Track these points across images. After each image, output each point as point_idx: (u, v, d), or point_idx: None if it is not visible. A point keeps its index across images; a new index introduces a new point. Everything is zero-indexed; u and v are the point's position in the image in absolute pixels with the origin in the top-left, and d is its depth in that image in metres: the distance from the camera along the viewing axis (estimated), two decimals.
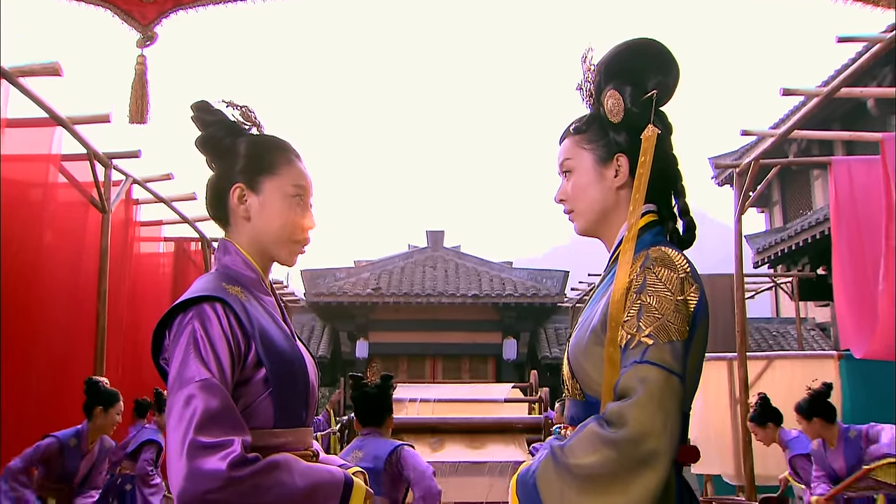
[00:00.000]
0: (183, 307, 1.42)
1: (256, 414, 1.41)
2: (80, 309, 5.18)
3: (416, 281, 17.06)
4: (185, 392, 1.30)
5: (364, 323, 16.99)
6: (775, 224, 16.71)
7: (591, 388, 1.43)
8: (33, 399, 4.52)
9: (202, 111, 1.61)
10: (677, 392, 1.29)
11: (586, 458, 1.28)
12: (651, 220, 1.53)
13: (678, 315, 1.34)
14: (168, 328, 1.44)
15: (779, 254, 12.15)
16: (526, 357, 17.70)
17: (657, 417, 1.25)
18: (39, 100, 4.34)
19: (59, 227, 5.03)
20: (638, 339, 1.32)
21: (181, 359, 1.35)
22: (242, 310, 1.43)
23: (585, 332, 1.46)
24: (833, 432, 4.21)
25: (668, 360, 1.29)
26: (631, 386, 1.28)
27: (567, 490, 1.29)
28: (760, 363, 6.89)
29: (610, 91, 1.53)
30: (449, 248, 19.07)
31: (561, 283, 16.83)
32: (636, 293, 1.37)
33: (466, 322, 16.99)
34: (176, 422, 1.28)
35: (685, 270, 1.39)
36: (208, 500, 1.22)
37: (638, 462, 1.24)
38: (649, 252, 1.41)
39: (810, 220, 11.24)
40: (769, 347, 16.37)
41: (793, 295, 11.40)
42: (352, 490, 1.43)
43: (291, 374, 1.48)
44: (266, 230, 1.57)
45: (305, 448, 1.52)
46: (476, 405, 6.64)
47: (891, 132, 5.35)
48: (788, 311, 17.26)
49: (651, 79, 1.53)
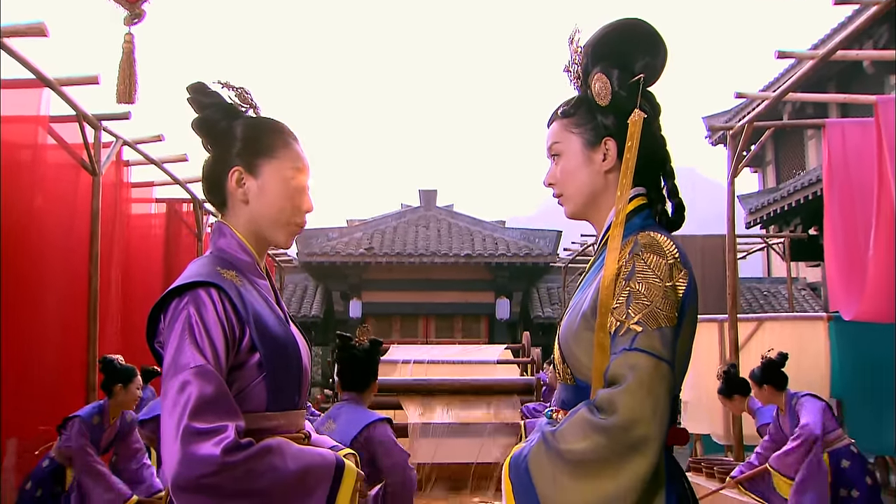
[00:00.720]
0: (178, 292, 1.42)
1: (250, 398, 1.43)
2: (72, 272, 5.17)
3: (408, 240, 17.06)
4: (181, 378, 1.30)
5: (357, 283, 17.03)
6: (768, 184, 16.71)
7: (582, 372, 1.44)
8: (27, 363, 4.54)
9: (198, 93, 1.59)
10: (667, 378, 1.30)
11: (577, 444, 1.30)
12: (640, 204, 1.53)
13: (667, 301, 1.35)
14: (163, 312, 1.44)
15: (771, 214, 12.17)
16: (518, 316, 17.81)
17: (647, 404, 1.27)
18: (26, 61, 4.27)
19: (50, 190, 5.00)
20: (627, 326, 1.33)
21: (176, 344, 1.35)
22: (237, 295, 1.44)
23: (576, 316, 1.46)
24: (782, 399, 4.34)
25: (657, 347, 1.31)
26: (621, 373, 1.30)
27: (559, 474, 1.31)
28: (751, 325, 6.95)
29: (597, 74, 1.52)
30: (441, 208, 19.04)
31: (553, 242, 16.86)
32: (625, 280, 1.38)
33: (459, 282, 17.05)
34: (171, 407, 1.29)
35: (674, 256, 1.40)
36: (202, 484, 1.23)
37: (628, 448, 1.26)
38: (638, 238, 1.42)
39: (803, 180, 11.24)
40: (760, 307, 16.50)
41: (784, 255, 11.45)
42: (343, 472, 1.44)
43: (285, 359, 1.49)
44: (264, 213, 1.57)
45: (298, 430, 1.54)
46: (468, 366, 6.70)
47: (886, 94, 5.33)
48: (780, 271, 17.36)
49: (638, 60, 1.52)
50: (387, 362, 7.00)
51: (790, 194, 11.42)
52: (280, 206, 1.57)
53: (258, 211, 1.57)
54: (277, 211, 1.57)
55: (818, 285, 16.27)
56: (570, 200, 1.60)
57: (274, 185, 1.57)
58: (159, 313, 1.46)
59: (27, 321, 4.54)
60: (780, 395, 4.37)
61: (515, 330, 18.25)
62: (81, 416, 4.00)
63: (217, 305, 1.39)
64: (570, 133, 1.57)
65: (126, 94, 4.77)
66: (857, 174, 5.34)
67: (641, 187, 1.54)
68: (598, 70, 1.52)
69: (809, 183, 10.82)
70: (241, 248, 1.57)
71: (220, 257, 1.54)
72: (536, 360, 7.08)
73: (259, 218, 1.57)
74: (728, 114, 15.96)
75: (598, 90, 1.52)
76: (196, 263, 1.51)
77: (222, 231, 1.59)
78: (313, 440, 1.61)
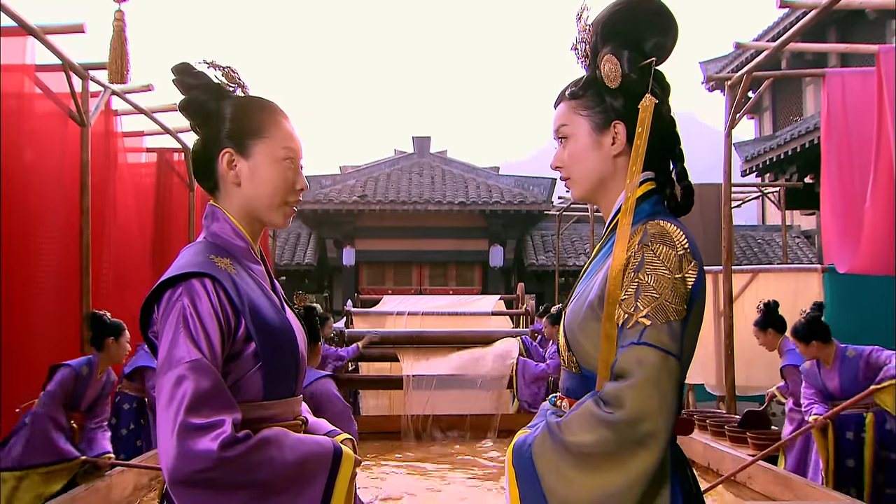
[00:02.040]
0: (171, 283, 1.39)
1: (246, 388, 1.41)
2: (62, 225, 5.12)
3: (402, 188, 16.98)
4: (176, 372, 1.29)
5: (350, 230, 17.00)
6: (765, 131, 16.61)
7: (588, 361, 1.42)
8: (20, 318, 4.52)
9: (184, 74, 1.54)
10: (674, 373, 1.29)
11: (582, 437, 1.30)
12: (649, 189, 1.49)
13: (676, 294, 1.32)
14: (157, 303, 1.41)
15: (767, 162, 12.12)
16: (512, 264, 17.86)
17: (654, 399, 1.26)
18: (8, 9, 4.17)
19: (38, 142, 4.91)
20: (635, 319, 1.31)
21: (171, 337, 1.33)
22: (232, 285, 1.41)
23: (582, 305, 1.44)
24: (829, 352, 4.28)
25: (665, 342, 1.29)
26: (628, 368, 1.28)
27: (563, 464, 1.31)
28: (745, 276, 6.97)
29: (607, 56, 1.47)
30: (435, 154, 18.91)
31: (548, 190, 16.80)
32: (634, 271, 1.35)
33: (453, 229, 17.04)
34: (166, 402, 1.27)
35: (684, 247, 1.36)
36: (199, 479, 1.23)
37: (634, 443, 1.26)
38: (647, 227, 1.38)
39: (800, 128, 11.15)
40: (754, 255, 16.57)
41: (780, 204, 11.43)
42: (341, 459, 1.43)
43: (281, 348, 1.47)
44: (258, 195, 1.53)
45: (295, 417, 1.53)
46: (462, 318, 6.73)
47: (887, 44, 5.24)
48: (774, 219, 17.39)
49: (648, 39, 1.47)
50: (381, 314, 7.05)
51: (787, 142, 11.34)
52: (274, 187, 1.53)
53: (251, 193, 1.53)
54: (271, 192, 1.53)
55: (812, 233, 16.33)
56: (578, 184, 1.56)
57: (266, 165, 1.53)
58: (153, 303, 1.43)
59: (18, 275, 4.51)
60: (827, 348, 4.29)
61: (509, 277, 18.33)
62: (72, 366, 3.99)
63: (211, 296, 1.37)
64: (578, 116, 1.53)
65: (118, 74, 4.67)
66: (857, 126, 5.28)
67: (650, 171, 1.51)
68: (608, 50, 1.47)
69: (807, 131, 10.74)
70: (235, 232, 1.53)
71: (213, 244, 1.51)
72: (530, 312, 7.11)
73: (253, 200, 1.53)
74: (726, 59, 15.77)
75: (607, 72, 1.47)
76: (189, 251, 1.48)
77: (215, 215, 1.55)
78: (310, 425, 1.60)
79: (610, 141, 1.50)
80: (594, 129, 1.51)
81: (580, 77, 1.55)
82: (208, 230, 1.54)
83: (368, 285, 17.85)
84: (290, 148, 1.55)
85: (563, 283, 15.36)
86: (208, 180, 1.56)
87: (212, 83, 1.55)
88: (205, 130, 1.55)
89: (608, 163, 1.51)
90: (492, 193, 16.81)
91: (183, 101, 1.55)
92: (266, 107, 1.56)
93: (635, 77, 1.45)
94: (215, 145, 1.53)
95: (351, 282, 17.37)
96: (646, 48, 1.47)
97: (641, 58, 1.46)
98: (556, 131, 1.57)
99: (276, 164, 1.53)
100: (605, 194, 1.54)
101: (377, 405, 6.42)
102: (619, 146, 1.50)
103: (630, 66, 1.45)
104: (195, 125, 1.57)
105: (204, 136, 1.55)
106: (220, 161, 1.52)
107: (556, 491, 1.31)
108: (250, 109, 1.55)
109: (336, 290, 18.44)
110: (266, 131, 1.53)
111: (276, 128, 1.55)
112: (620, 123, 1.49)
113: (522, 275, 17.75)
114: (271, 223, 1.57)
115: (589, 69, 1.54)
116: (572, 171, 1.55)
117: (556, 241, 14.91)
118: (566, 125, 1.54)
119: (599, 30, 1.49)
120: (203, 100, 1.54)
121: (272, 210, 1.55)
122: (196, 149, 1.57)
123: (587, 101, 1.52)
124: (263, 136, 1.53)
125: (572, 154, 1.54)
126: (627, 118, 1.47)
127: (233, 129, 1.52)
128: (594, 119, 1.51)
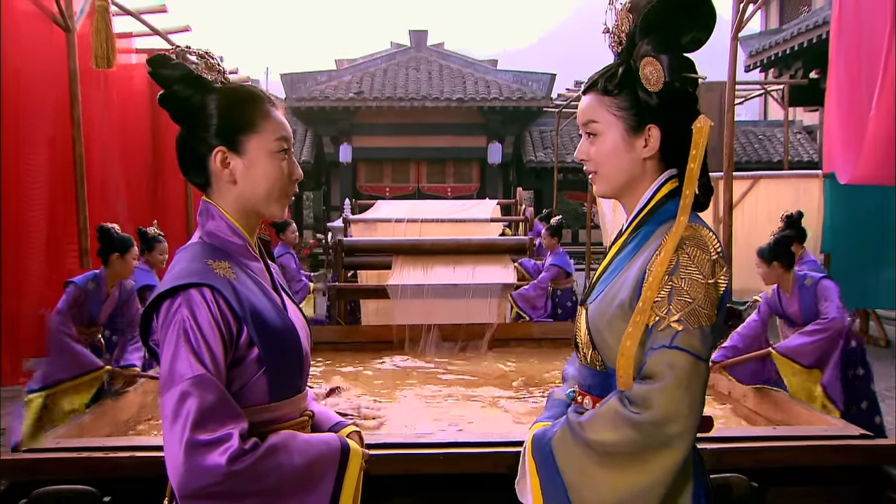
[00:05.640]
0: (170, 293, 1.36)
1: (252, 392, 1.41)
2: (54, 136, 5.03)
3: (399, 84, 16.66)
4: (179, 389, 1.27)
5: (347, 127, 16.79)
6: (770, 24, 16.13)
7: (613, 360, 1.42)
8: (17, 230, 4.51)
9: (162, 66, 1.46)
10: (703, 377, 1.32)
11: (607, 435, 1.32)
12: (673, 188, 1.47)
13: (708, 300, 1.33)
14: (156, 312, 1.39)
15: (772, 57, 11.84)
16: (511, 160, 17.74)
17: (683, 402, 1.28)
18: None
19: (23, 51, 4.76)
20: (668, 322, 1.32)
21: (173, 351, 1.31)
22: (231, 291, 1.38)
23: (610, 304, 1.42)
24: (789, 279, 4.25)
25: (696, 346, 1.31)
26: (658, 370, 1.30)
27: (586, 461, 1.34)
28: (746, 182, 6.94)
29: (648, 59, 1.41)
30: (432, 48, 18.47)
31: (547, 86, 16.51)
32: (668, 274, 1.35)
33: (451, 125, 16.84)
34: (171, 420, 1.27)
35: (717, 251, 1.36)
36: (209, 493, 1.24)
37: (660, 443, 1.28)
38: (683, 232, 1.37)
39: (808, 22, 10.84)
40: (754, 152, 16.44)
41: (783, 101, 11.24)
42: (349, 456, 1.45)
43: (284, 350, 1.46)
44: (255, 191, 1.49)
45: (301, 414, 1.53)
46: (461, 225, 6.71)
47: None
48: (776, 114, 17.17)
49: (687, 33, 1.41)
50: (381, 221, 7.02)
51: (793, 37, 11.04)
52: (272, 182, 1.49)
53: (248, 189, 1.48)
54: (269, 186, 1.49)
55: (814, 128, 16.15)
56: (605, 182, 1.52)
57: (261, 160, 1.48)
58: (152, 313, 1.40)
59: (13, 188, 4.47)
60: (787, 274, 4.26)
61: (508, 174, 18.25)
62: (75, 283, 4.00)
63: (211, 306, 1.34)
64: (612, 115, 1.47)
65: (104, 59, 4.46)
66: (868, 31, 5.11)
67: (674, 168, 1.49)
68: (649, 50, 1.41)
69: (815, 25, 10.44)
70: (232, 230, 1.49)
71: (210, 245, 1.47)
72: (529, 219, 7.10)
73: (250, 196, 1.49)
74: None
75: (647, 74, 1.41)
76: (186, 257, 1.44)
77: (210, 212, 1.50)
78: (317, 416, 1.61)
79: (642, 144, 1.46)
80: (627, 132, 1.46)
81: (613, 69, 1.49)
82: (204, 228, 1.50)
83: (366, 182, 17.79)
84: (283, 138, 1.50)
85: (562, 180, 15.28)
86: (199, 177, 1.51)
87: (192, 75, 1.47)
88: (191, 128, 1.48)
89: (638, 165, 1.48)
90: (490, 89, 16.50)
91: (163, 95, 1.48)
92: (253, 98, 1.50)
93: (678, 86, 1.41)
94: (206, 144, 1.47)
95: (349, 179, 17.31)
96: (683, 41, 1.42)
97: (681, 53, 1.42)
98: (584, 125, 1.51)
99: (271, 158, 1.48)
100: (631, 194, 1.52)
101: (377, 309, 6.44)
102: (652, 150, 1.46)
103: (672, 73, 1.40)
104: (178, 119, 1.50)
105: (192, 133, 1.49)
106: (213, 160, 1.47)
107: (579, 487, 1.35)
108: (237, 103, 1.48)
109: (333, 187, 18.40)
110: (257, 125, 1.48)
111: (267, 119, 1.49)
112: (655, 128, 1.45)
113: (520, 172, 17.66)
114: (270, 215, 1.53)
115: (621, 56, 1.48)
116: (600, 168, 1.51)
117: (554, 138, 14.73)
118: (597, 122, 1.49)
119: (639, 21, 1.42)
120: (186, 94, 1.47)
121: (270, 203, 1.51)
122: (184, 145, 1.50)
123: (621, 101, 1.46)
124: (255, 130, 1.47)
125: (601, 152, 1.50)
126: (662, 121, 1.44)
127: (222, 125, 1.46)
128: (628, 121, 1.46)
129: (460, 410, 3.75)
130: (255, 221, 1.55)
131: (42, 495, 2.35)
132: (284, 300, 1.54)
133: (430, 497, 2.51)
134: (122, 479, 2.43)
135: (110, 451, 2.51)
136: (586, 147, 1.53)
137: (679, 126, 1.43)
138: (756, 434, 2.78)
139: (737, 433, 2.74)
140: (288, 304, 1.54)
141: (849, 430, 2.71)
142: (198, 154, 1.48)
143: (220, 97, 1.48)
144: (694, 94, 1.45)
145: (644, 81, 1.42)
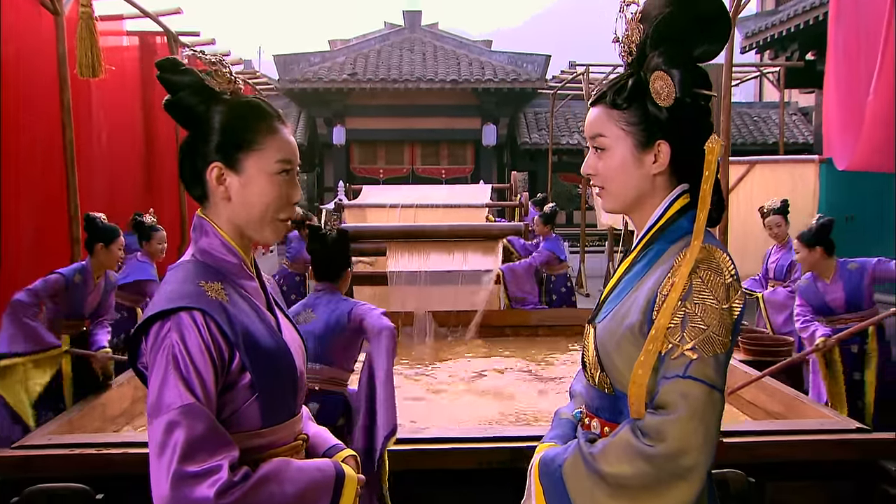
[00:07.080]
0: (160, 316, 1.31)
1: (244, 418, 1.36)
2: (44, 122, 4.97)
3: (392, 65, 16.53)
4: (167, 418, 1.23)
5: (340, 109, 16.68)
6: (766, 5, 16.03)
7: (622, 383, 1.38)
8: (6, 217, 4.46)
9: (170, 72, 1.40)
10: (718, 406, 1.27)
11: (619, 468, 1.28)
12: (685, 204, 1.43)
13: (722, 326, 1.28)
14: (145, 335, 1.33)
15: (768, 39, 11.75)
16: (505, 142, 17.67)
17: (698, 434, 1.24)
18: None
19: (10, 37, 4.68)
20: (681, 350, 1.27)
21: (161, 377, 1.26)
22: (224, 316, 1.33)
23: (619, 324, 1.38)
24: (830, 265, 4.15)
25: (710, 376, 1.26)
26: (672, 401, 1.25)
27: (598, 492, 1.30)
28: (741, 168, 6.91)
29: (659, 73, 1.36)
30: (426, 29, 18.31)
31: (542, 67, 16.40)
32: (681, 299, 1.29)
33: (445, 107, 16.74)
34: (159, 450, 1.22)
35: (731, 274, 1.31)
36: None
37: (674, 476, 1.24)
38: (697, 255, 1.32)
39: (804, 4, 10.74)
40: (749, 134, 16.40)
41: (778, 83, 11.18)
42: (343, 482, 1.41)
43: (277, 373, 1.41)
44: (248, 212, 1.42)
45: (296, 438, 1.48)
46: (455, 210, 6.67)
47: None
48: (772, 96, 17.10)
49: (699, 45, 1.36)
50: (375, 206, 6.98)
51: (790, 18, 10.95)
52: (265, 204, 1.42)
53: (241, 209, 1.42)
54: (262, 209, 1.42)
55: (810, 110, 16.08)
56: (613, 198, 1.48)
57: (258, 181, 1.41)
58: (141, 335, 1.35)
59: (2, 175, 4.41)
60: (828, 260, 4.15)
61: (502, 156, 18.17)
62: (62, 273, 3.94)
63: (202, 330, 1.29)
64: (621, 130, 1.42)
65: (90, 69, 4.36)
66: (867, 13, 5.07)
67: (686, 183, 1.44)
68: (660, 63, 1.36)
69: (811, 7, 10.36)
70: (226, 247, 1.43)
71: (203, 264, 1.41)
72: (524, 204, 7.05)
73: (244, 215, 1.43)
74: None
75: (657, 89, 1.36)
76: (177, 277, 1.39)
77: (204, 229, 1.44)
78: (312, 439, 1.57)
79: (652, 159, 1.42)
80: (636, 147, 1.42)
81: (623, 81, 1.44)
82: (197, 245, 1.44)
83: (360, 164, 17.70)
84: (285, 160, 1.43)
85: (557, 162, 15.22)
86: (196, 189, 1.45)
87: (200, 83, 1.41)
88: (192, 136, 1.43)
89: (647, 181, 1.43)
90: (484, 70, 16.39)
91: (169, 101, 1.42)
92: (259, 113, 1.43)
93: (689, 102, 1.36)
94: (204, 157, 1.41)
95: (342, 160, 17.21)
96: (695, 53, 1.37)
97: (693, 65, 1.37)
98: (592, 139, 1.46)
99: (269, 179, 1.41)
100: (640, 210, 1.47)
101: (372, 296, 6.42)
102: (661, 166, 1.41)
103: (684, 89, 1.35)
104: (182, 125, 1.45)
105: (193, 144, 1.43)
106: (209, 175, 1.41)
107: None
108: (241, 118, 1.42)
109: (327, 169, 18.30)
110: (258, 143, 1.41)
111: (270, 138, 1.42)
112: (665, 143, 1.40)
113: (515, 153, 17.59)
114: (261, 240, 1.47)
115: (631, 67, 1.43)
116: (608, 184, 1.47)
117: (549, 120, 14.65)
118: (605, 136, 1.44)
119: (650, 31, 1.37)
120: (192, 103, 1.41)
121: (262, 227, 1.44)
122: (184, 155, 1.44)
123: (630, 116, 1.41)
124: (255, 148, 1.41)
125: (609, 167, 1.45)
126: (672, 137, 1.39)
127: (222, 140, 1.40)
128: (638, 137, 1.41)
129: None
130: (250, 240, 1.49)
131: (34, 493, 2.32)
132: (279, 319, 1.49)
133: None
134: (115, 477, 2.41)
135: (102, 447, 2.49)
136: (594, 162, 1.48)
137: (690, 142, 1.39)
138: (752, 429, 2.77)
139: (733, 428, 2.73)
140: (283, 323, 1.49)
141: (845, 423, 2.70)
142: (196, 166, 1.43)
143: (226, 110, 1.42)
144: (707, 107, 1.39)
145: (654, 96, 1.37)
